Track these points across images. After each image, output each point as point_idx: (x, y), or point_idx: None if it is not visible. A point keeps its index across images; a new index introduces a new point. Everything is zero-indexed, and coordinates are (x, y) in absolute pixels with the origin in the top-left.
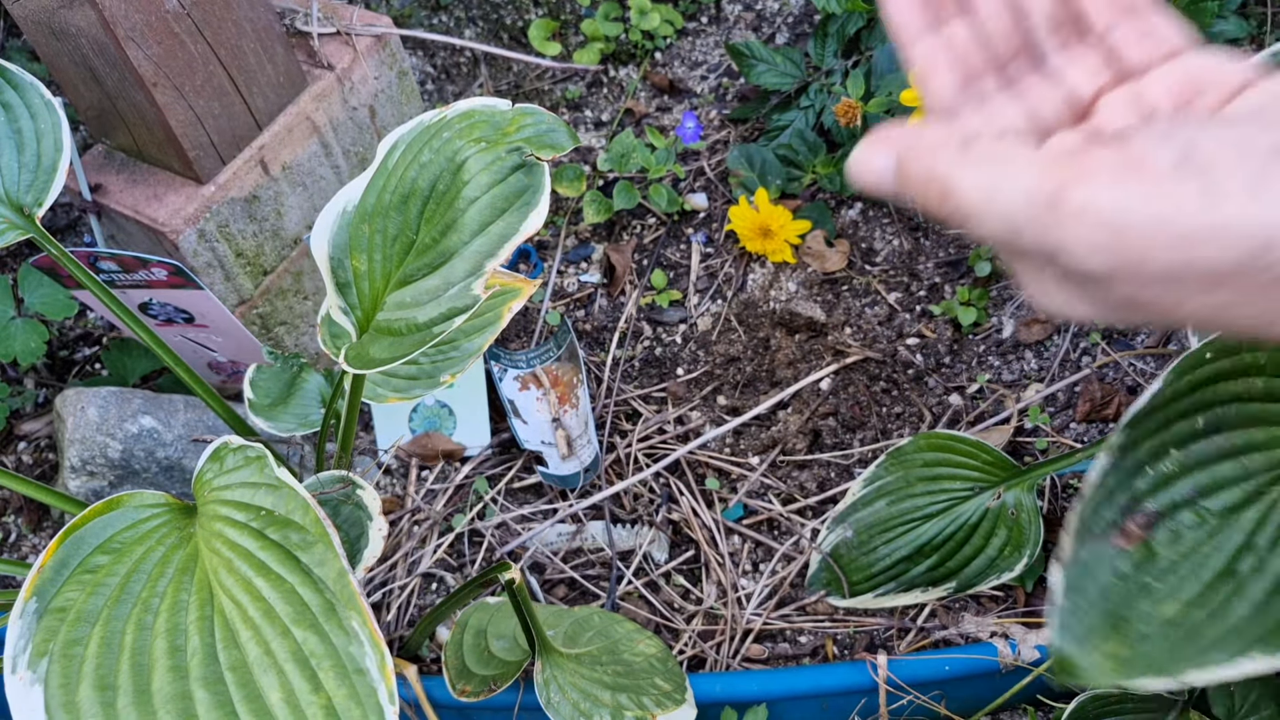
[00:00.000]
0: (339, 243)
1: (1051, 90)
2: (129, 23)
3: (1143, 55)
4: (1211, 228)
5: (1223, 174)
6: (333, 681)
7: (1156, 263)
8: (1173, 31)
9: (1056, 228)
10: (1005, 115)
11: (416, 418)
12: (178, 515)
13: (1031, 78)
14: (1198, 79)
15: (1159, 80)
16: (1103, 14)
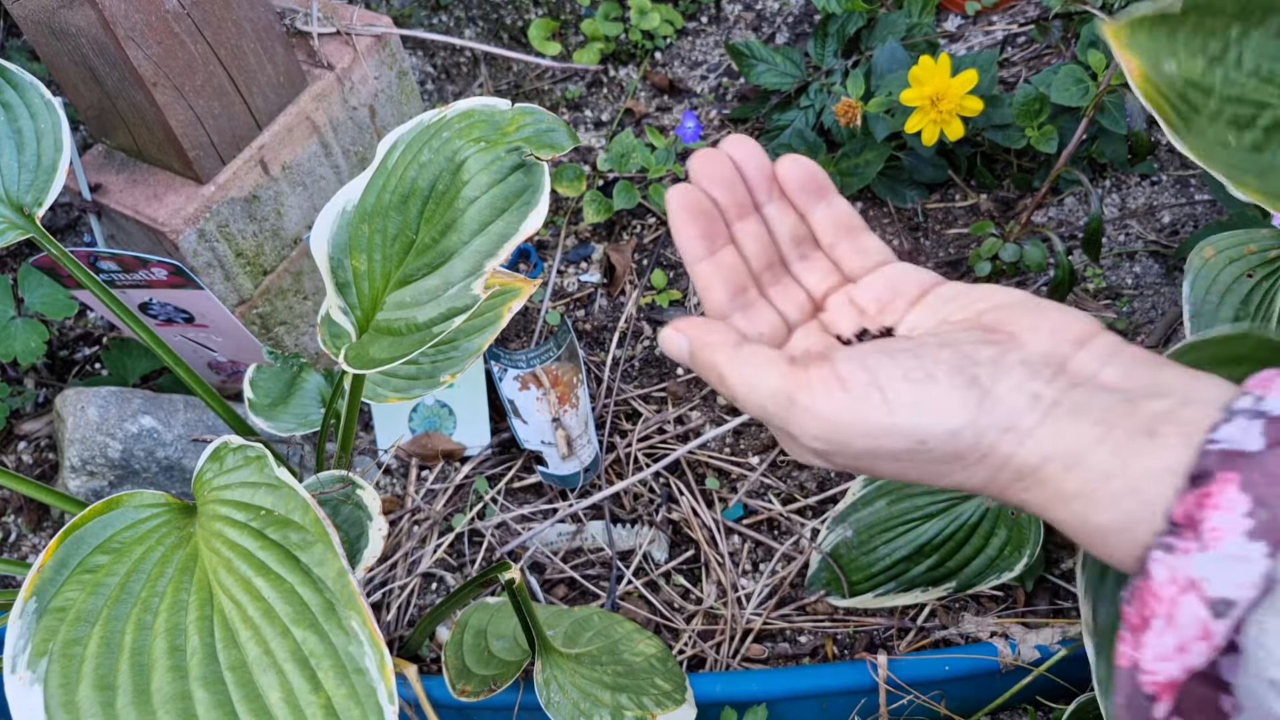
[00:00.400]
0: (339, 242)
1: (795, 293)
2: (129, 23)
3: (857, 266)
4: (889, 429)
5: (892, 393)
6: (332, 681)
7: (855, 447)
8: (878, 248)
9: (791, 420)
10: (763, 318)
11: (416, 417)
12: (177, 515)
13: (780, 285)
14: (894, 285)
15: (868, 285)
16: (828, 233)
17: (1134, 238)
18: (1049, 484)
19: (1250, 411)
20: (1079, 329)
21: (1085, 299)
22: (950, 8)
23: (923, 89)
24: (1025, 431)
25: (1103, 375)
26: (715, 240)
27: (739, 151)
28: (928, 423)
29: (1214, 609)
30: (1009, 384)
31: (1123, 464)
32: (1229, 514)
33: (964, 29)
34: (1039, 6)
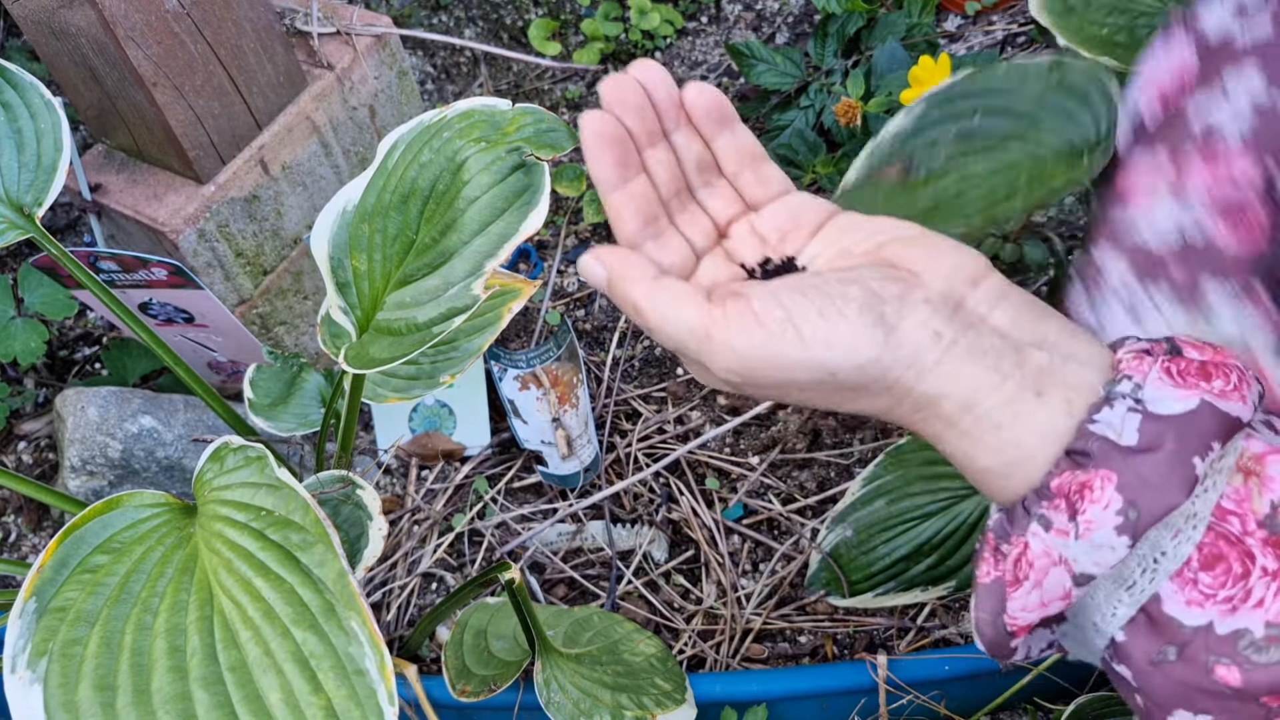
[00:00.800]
0: (339, 242)
1: (701, 220)
2: (129, 22)
3: (759, 194)
4: (802, 362)
5: (808, 329)
6: (332, 682)
7: (768, 378)
8: (779, 177)
9: (707, 353)
10: (673, 247)
11: (416, 417)
12: (178, 515)
13: (686, 213)
14: (795, 214)
15: (770, 214)
16: (731, 161)
17: None
18: (943, 419)
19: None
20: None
21: None
22: (950, 8)
23: (922, 89)
24: (926, 367)
25: (992, 318)
26: (629, 168)
27: (648, 77)
28: (839, 357)
29: (1077, 581)
30: (913, 321)
31: (1012, 416)
32: (1105, 511)
33: (964, 29)
34: None
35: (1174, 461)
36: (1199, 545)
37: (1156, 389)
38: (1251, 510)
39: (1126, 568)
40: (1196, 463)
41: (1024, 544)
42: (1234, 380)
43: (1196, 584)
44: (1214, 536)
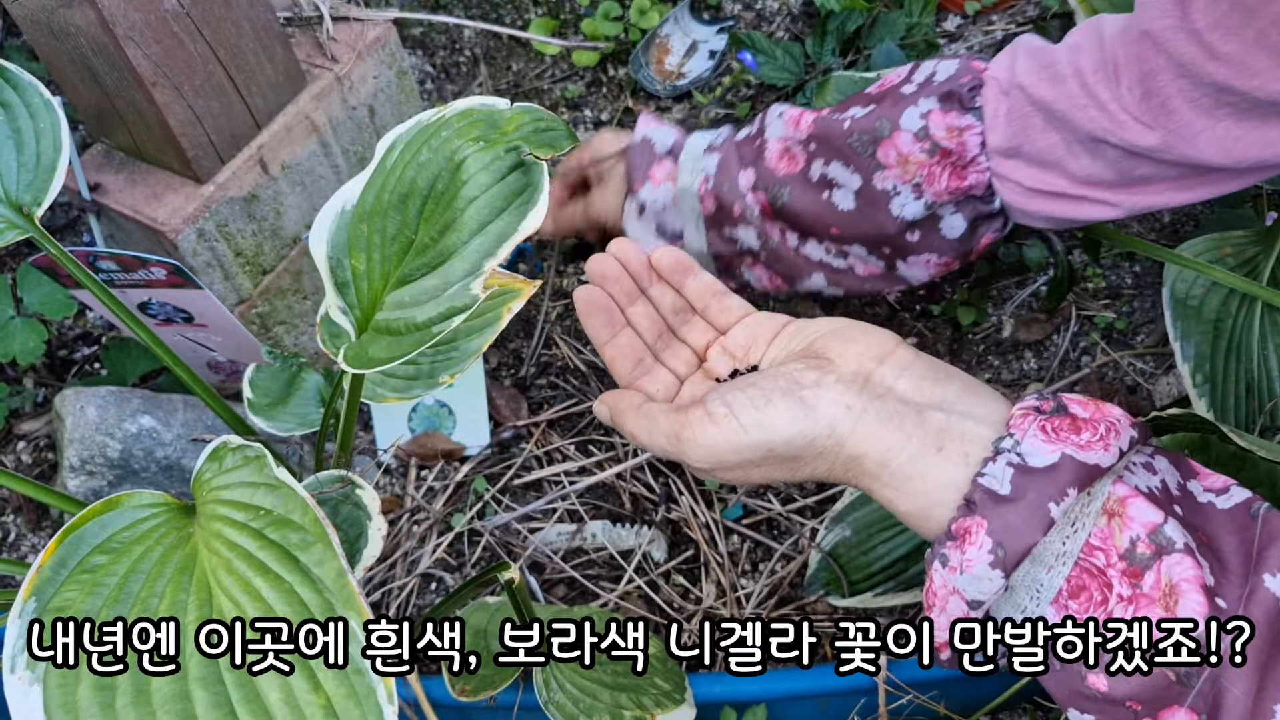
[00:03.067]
0: (337, 242)
1: (682, 351)
2: (128, 22)
3: (725, 321)
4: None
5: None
6: (332, 681)
7: (728, 460)
8: (739, 304)
9: (680, 452)
10: (660, 378)
11: (416, 417)
12: (176, 515)
13: (670, 349)
14: (753, 331)
15: (734, 334)
16: (699, 299)
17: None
18: (868, 474)
19: (1009, 454)
20: (879, 348)
21: (1085, 299)
22: (950, 7)
23: None
24: (844, 434)
25: (898, 387)
26: (614, 326)
27: (623, 252)
28: (770, 436)
29: (970, 605)
30: (828, 399)
31: (920, 472)
32: (979, 550)
33: (963, 28)
34: (1038, 6)
35: (1033, 508)
36: (1068, 578)
37: (1031, 445)
38: (1114, 545)
39: (1018, 598)
40: (1052, 507)
41: (930, 577)
42: (1101, 432)
43: (1068, 609)
44: (1079, 570)
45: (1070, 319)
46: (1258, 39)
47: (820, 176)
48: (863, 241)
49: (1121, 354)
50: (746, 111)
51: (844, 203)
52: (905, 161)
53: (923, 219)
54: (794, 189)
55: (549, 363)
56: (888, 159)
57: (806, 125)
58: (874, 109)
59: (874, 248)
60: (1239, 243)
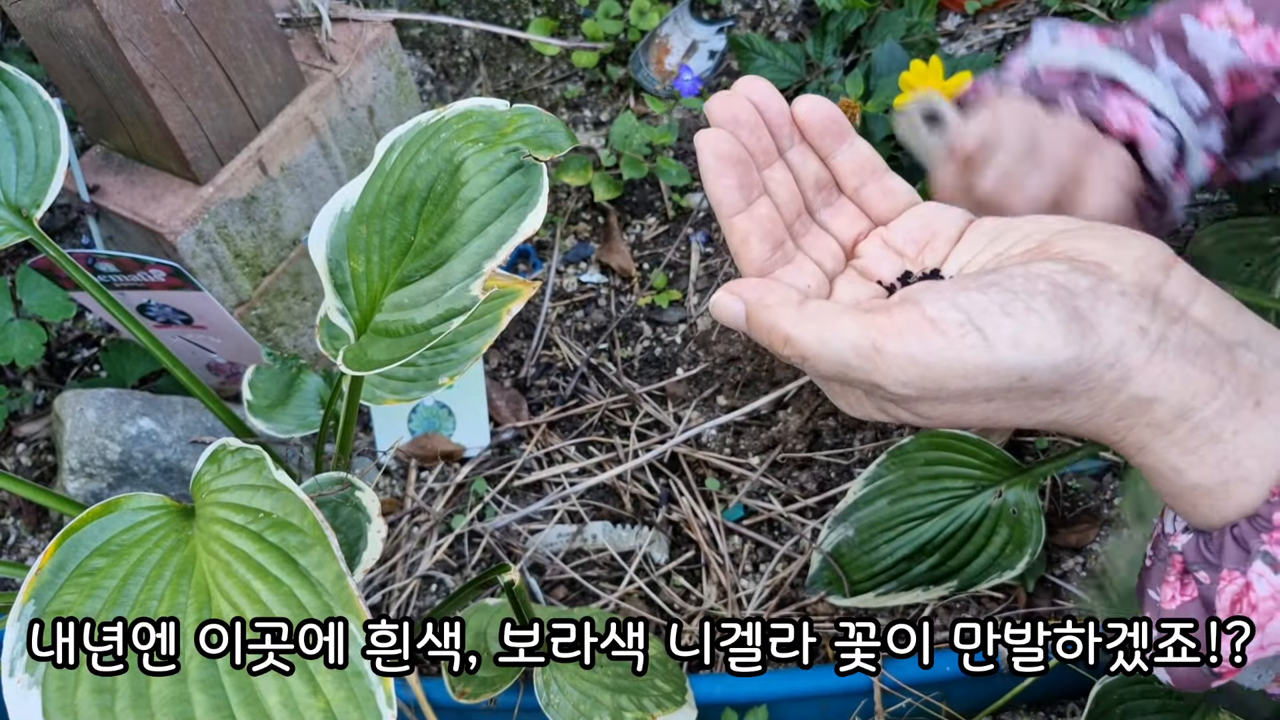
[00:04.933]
0: (337, 244)
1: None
2: (126, 24)
3: (885, 208)
4: (988, 367)
5: (992, 330)
6: (331, 685)
7: (949, 388)
8: (905, 189)
9: (879, 370)
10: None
11: (416, 419)
12: (176, 517)
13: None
14: (930, 224)
15: (901, 227)
16: (852, 176)
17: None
18: (1155, 426)
19: None
20: (1160, 255)
21: None
22: (950, 6)
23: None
24: (1134, 367)
25: (1193, 310)
26: (752, 190)
27: (757, 93)
28: (1032, 359)
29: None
30: (1112, 315)
31: (1232, 430)
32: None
33: (963, 28)
34: (1039, 6)
35: None
36: None
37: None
38: None
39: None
40: None
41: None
42: None
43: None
44: None
45: None
46: None
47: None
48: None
49: None
50: None
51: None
52: None
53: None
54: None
55: (549, 363)
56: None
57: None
58: None
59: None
60: (1261, 230)
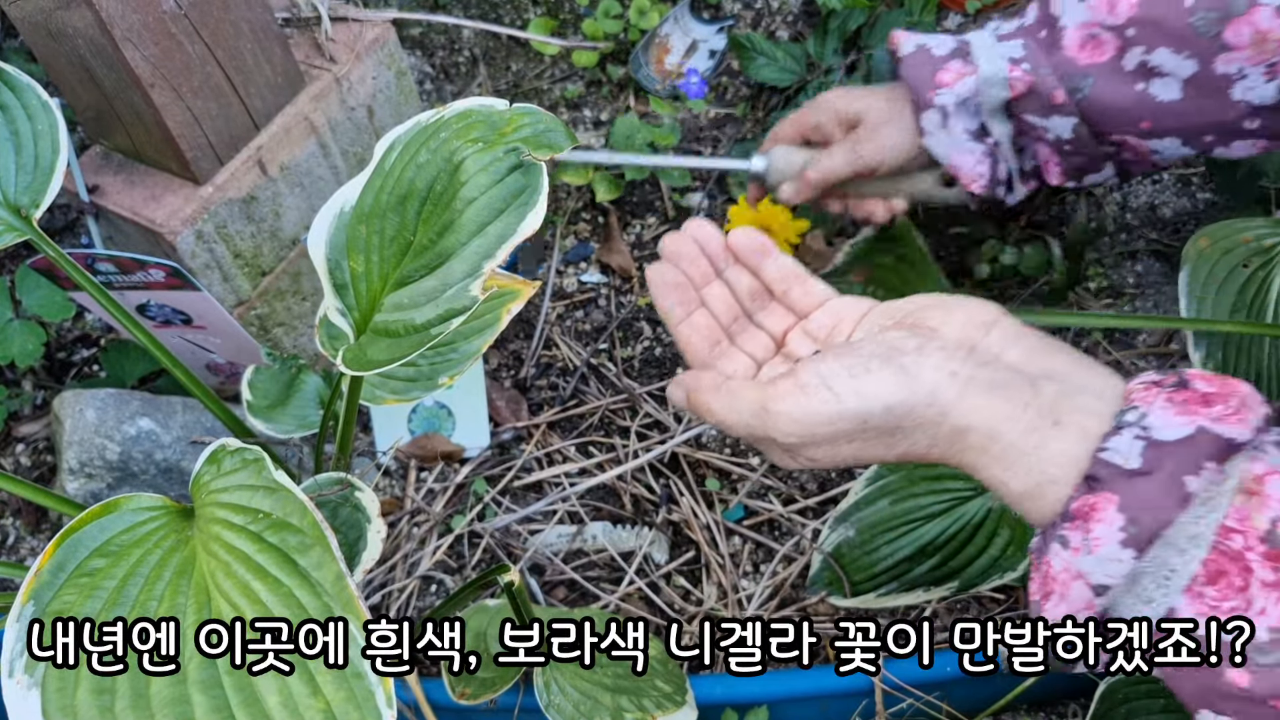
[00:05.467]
0: (336, 244)
1: (760, 337)
2: (126, 24)
3: (807, 305)
4: (840, 414)
5: (839, 387)
6: (331, 685)
7: (820, 434)
8: (823, 289)
9: (768, 426)
10: (737, 360)
11: (415, 419)
12: (175, 518)
13: (746, 333)
14: (838, 313)
15: (817, 318)
16: (779, 283)
17: (1136, 237)
18: (975, 449)
19: (1134, 427)
20: (984, 316)
21: (1087, 298)
22: (951, 6)
23: None
24: (948, 402)
25: (1007, 355)
26: (689, 305)
27: (700, 233)
28: (869, 404)
29: (1095, 591)
30: (930, 365)
31: (1034, 445)
32: (1109, 528)
33: (965, 28)
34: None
35: (1169, 482)
36: (1204, 562)
37: (1159, 417)
38: (1253, 526)
39: (1144, 586)
40: (1189, 480)
41: (1048, 562)
42: (1234, 406)
43: (1204, 596)
44: (1217, 554)
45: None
46: None
47: (1139, 65)
48: (1180, 133)
49: (1124, 354)
50: (746, 111)
51: (1166, 94)
52: (1263, 40)
53: (1271, 104)
54: (1098, 81)
55: (549, 363)
56: (1239, 38)
57: (1128, 7)
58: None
59: (1192, 138)
60: (1259, 231)
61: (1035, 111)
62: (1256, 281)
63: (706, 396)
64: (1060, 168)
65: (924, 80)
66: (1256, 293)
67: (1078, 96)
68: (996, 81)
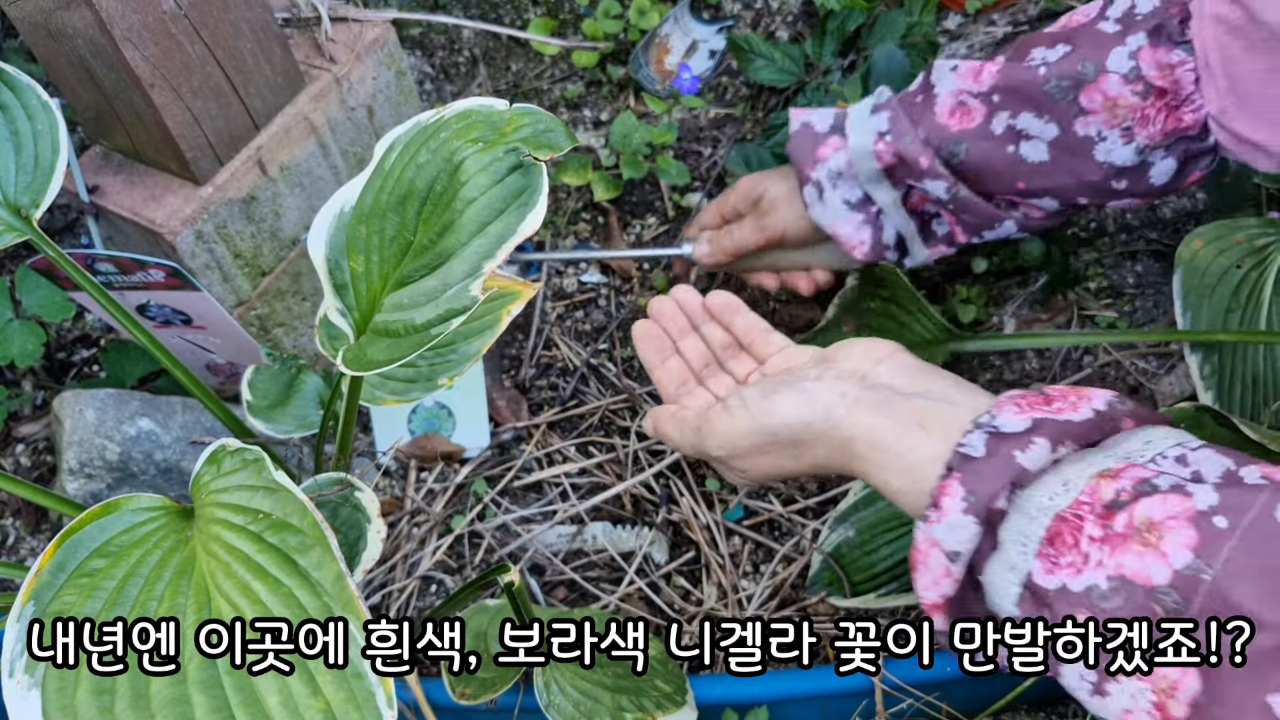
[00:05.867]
0: (336, 244)
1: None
2: (126, 24)
3: (768, 352)
4: (755, 429)
5: (753, 406)
6: (331, 685)
7: (740, 447)
8: (781, 340)
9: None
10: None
11: (415, 419)
12: (175, 518)
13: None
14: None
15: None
16: (745, 335)
17: (1136, 237)
18: (862, 457)
19: (987, 428)
20: (879, 351)
21: (1087, 298)
22: (950, 6)
23: None
24: (839, 419)
25: (893, 382)
26: (665, 353)
27: (680, 295)
28: (775, 421)
29: (949, 557)
30: (824, 389)
31: (908, 448)
32: (953, 499)
33: (964, 27)
34: (1039, 5)
35: (1003, 460)
36: (1047, 527)
37: (1006, 418)
38: (1099, 498)
39: (1008, 553)
40: (1017, 454)
41: (914, 539)
42: (1072, 400)
43: (1048, 556)
44: (1058, 520)
45: (1072, 319)
46: None
47: (1007, 129)
48: (1055, 194)
49: (1124, 354)
50: (746, 111)
51: (1035, 155)
52: (1114, 106)
53: (1132, 165)
54: (971, 145)
55: (549, 364)
56: (1092, 104)
57: (990, 75)
58: (1071, 51)
59: (1068, 198)
60: (1251, 231)
61: (910, 177)
62: (1250, 282)
63: (664, 424)
64: (961, 226)
65: (805, 156)
66: (1250, 293)
67: (955, 160)
68: (865, 154)
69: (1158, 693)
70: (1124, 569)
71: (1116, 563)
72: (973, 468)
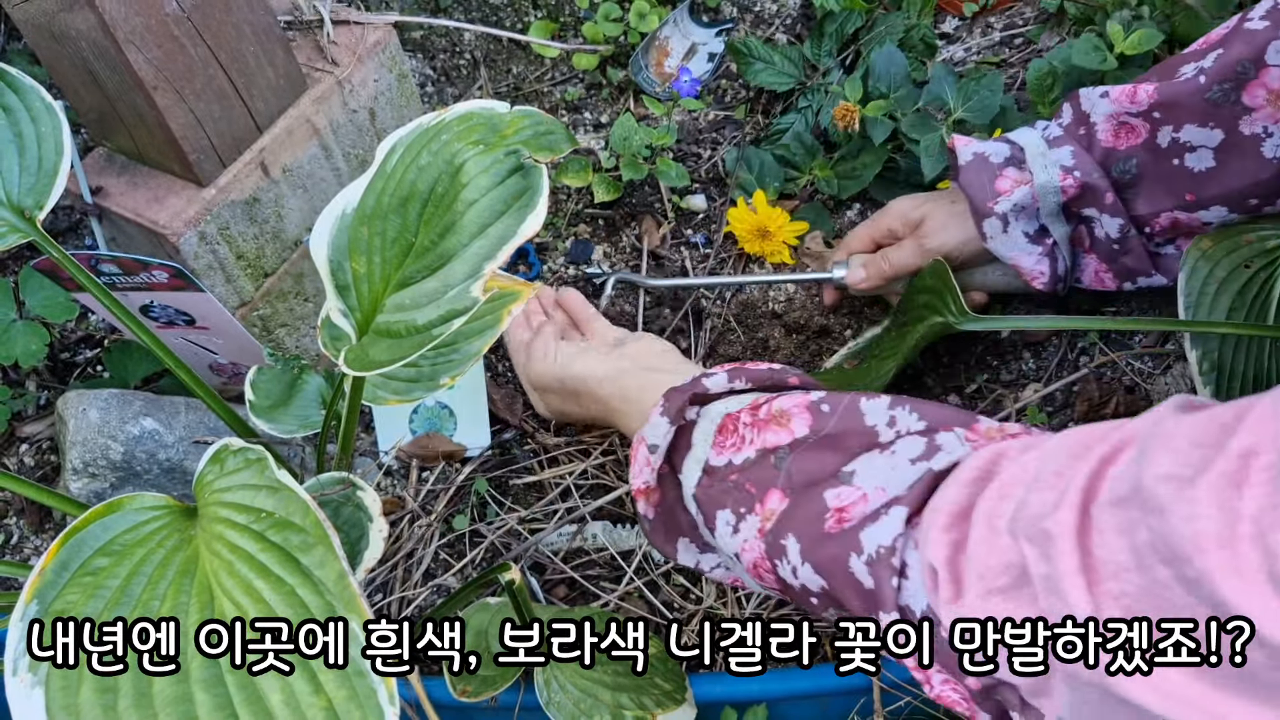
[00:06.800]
0: (338, 245)
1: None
2: (129, 26)
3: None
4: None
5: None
6: (333, 683)
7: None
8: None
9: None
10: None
11: (417, 419)
12: (178, 517)
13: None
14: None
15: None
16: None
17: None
18: (617, 412)
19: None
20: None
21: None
22: (948, 9)
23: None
24: (596, 381)
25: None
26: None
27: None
28: (566, 374)
29: (650, 449)
30: (606, 362)
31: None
32: (656, 411)
33: (961, 30)
34: (1037, 8)
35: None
36: (718, 425)
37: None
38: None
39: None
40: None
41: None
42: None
43: (719, 444)
44: (727, 418)
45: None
46: None
47: (1171, 142)
48: (1225, 200)
49: (1119, 354)
50: (745, 113)
51: (1201, 164)
52: (1278, 98)
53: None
54: (1140, 159)
55: None
56: (1255, 100)
57: (1147, 95)
58: (1224, 54)
59: (1238, 204)
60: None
61: (1089, 208)
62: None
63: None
64: (1111, 272)
65: (983, 190)
66: (1258, 294)
67: (1127, 178)
68: (1051, 189)
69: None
70: (765, 443)
71: (762, 439)
72: (674, 392)
